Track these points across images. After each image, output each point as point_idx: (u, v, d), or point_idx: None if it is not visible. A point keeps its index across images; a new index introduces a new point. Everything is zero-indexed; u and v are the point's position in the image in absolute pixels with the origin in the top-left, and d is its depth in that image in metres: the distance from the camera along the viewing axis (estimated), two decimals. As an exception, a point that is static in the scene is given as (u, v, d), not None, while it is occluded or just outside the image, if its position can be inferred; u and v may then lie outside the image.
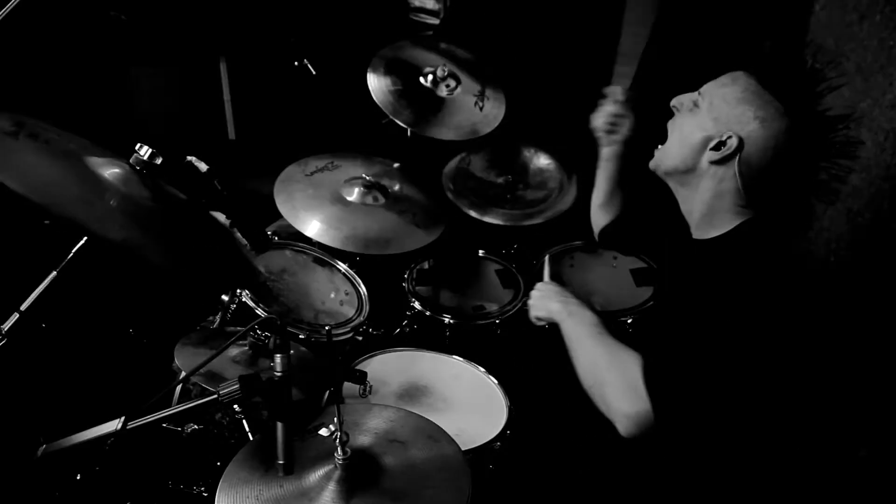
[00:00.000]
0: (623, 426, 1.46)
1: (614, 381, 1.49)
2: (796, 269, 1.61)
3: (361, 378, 1.76)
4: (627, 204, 2.11)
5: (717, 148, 1.56)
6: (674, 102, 1.68)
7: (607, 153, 2.06)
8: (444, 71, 2.71)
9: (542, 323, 1.78)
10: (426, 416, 1.71)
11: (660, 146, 1.69)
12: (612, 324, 2.40)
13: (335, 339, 2.26)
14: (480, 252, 2.76)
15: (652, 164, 1.70)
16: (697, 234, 1.66)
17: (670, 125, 1.68)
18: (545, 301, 1.77)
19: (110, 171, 1.49)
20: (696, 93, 1.65)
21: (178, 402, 1.95)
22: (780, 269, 1.57)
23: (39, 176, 1.36)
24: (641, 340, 1.60)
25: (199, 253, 1.60)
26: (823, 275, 2.57)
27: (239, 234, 2.09)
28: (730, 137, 1.54)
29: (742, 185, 1.56)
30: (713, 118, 1.58)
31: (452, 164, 2.84)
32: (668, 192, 1.72)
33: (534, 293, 1.82)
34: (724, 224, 1.60)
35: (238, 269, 1.69)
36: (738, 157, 1.54)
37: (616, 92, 2.03)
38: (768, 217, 1.60)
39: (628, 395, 1.45)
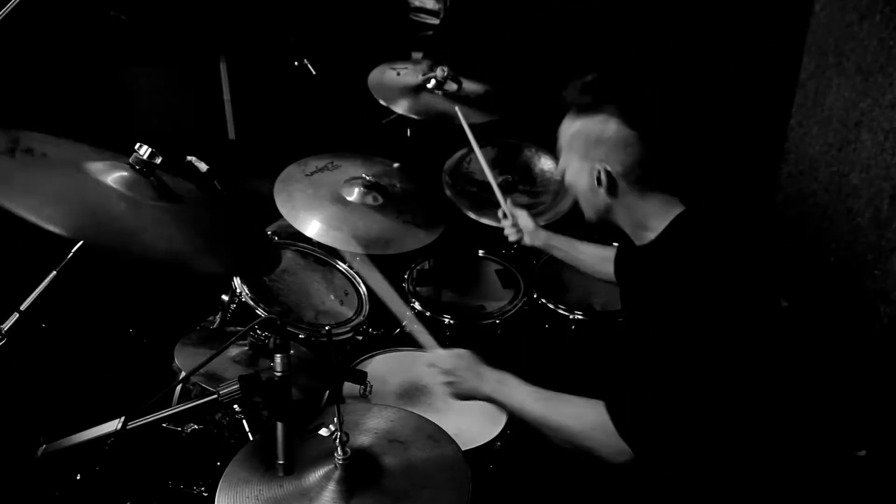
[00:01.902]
0: (618, 464, 1.52)
1: (596, 442, 1.54)
2: (753, 250, 1.65)
3: (361, 378, 1.76)
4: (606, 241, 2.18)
5: (598, 185, 1.64)
6: (559, 171, 1.78)
7: (537, 245, 2.28)
8: (444, 72, 2.72)
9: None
10: (426, 416, 1.71)
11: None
12: (612, 324, 2.41)
13: (335, 339, 2.26)
14: (480, 252, 2.76)
15: (587, 219, 1.78)
16: (638, 241, 1.72)
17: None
18: (464, 386, 1.75)
19: (113, 175, 1.49)
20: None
21: (178, 402, 1.95)
22: (736, 253, 1.62)
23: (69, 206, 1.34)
24: (628, 346, 1.62)
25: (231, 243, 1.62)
26: (823, 274, 2.57)
27: (218, 185, 2.10)
28: (598, 171, 1.62)
29: (644, 191, 1.63)
30: (577, 163, 1.67)
31: (453, 160, 2.85)
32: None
33: (443, 380, 1.79)
34: (656, 225, 1.65)
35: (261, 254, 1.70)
36: (619, 177, 1.61)
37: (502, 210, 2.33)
38: (701, 205, 1.66)
39: (613, 450, 1.51)
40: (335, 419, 1.47)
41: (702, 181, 1.95)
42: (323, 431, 1.57)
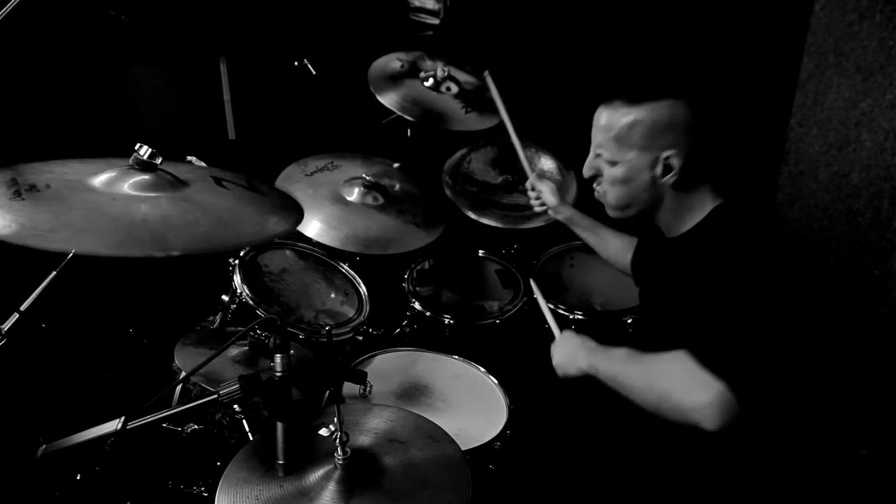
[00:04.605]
0: (708, 418, 1.38)
1: (677, 384, 1.44)
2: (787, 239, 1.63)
3: (361, 378, 1.76)
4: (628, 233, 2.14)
5: (665, 173, 1.59)
6: (589, 174, 1.70)
7: (562, 219, 2.28)
8: (444, 71, 2.72)
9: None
10: (426, 416, 1.71)
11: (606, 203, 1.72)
12: (613, 324, 2.41)
13: (335, 339, 2.26)
14: (480, 252, 2.76)
15: (616, 215, 1.71)
16: (671, 233, 1.68)
17: (601, 189, 1.69)
18: (571, 360, 1.72)
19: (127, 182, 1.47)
20: (594, 153, 1.67)
21: (178, 402, 1.95)
22: (773, 237, 1.61)
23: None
24: (640, 341, 1.61)
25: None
26: (823, 274, 2.57)
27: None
28: (667, 158, 1.57)
29: (697, 181, 1.60)
30: (638, 154, 1.59)
31: (453, 160, 2.84)
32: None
33: (555, 355, 1.78)
34: (695, 216, 1.63)
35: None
36: (687, 164, 1.57)
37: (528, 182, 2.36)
38: (738, 198, 1.63)
39: (697, 386, 1.40)
40: (335, 419, 1.47)
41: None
42: (323, 431, 1.57)
